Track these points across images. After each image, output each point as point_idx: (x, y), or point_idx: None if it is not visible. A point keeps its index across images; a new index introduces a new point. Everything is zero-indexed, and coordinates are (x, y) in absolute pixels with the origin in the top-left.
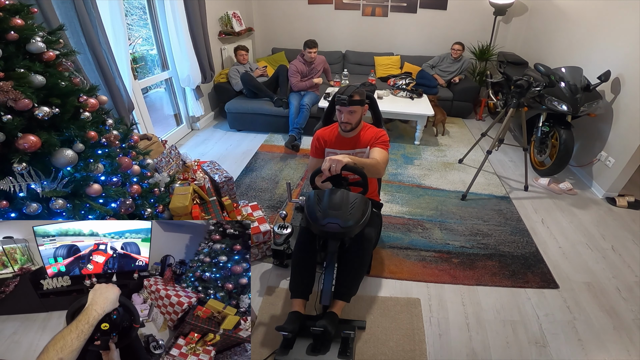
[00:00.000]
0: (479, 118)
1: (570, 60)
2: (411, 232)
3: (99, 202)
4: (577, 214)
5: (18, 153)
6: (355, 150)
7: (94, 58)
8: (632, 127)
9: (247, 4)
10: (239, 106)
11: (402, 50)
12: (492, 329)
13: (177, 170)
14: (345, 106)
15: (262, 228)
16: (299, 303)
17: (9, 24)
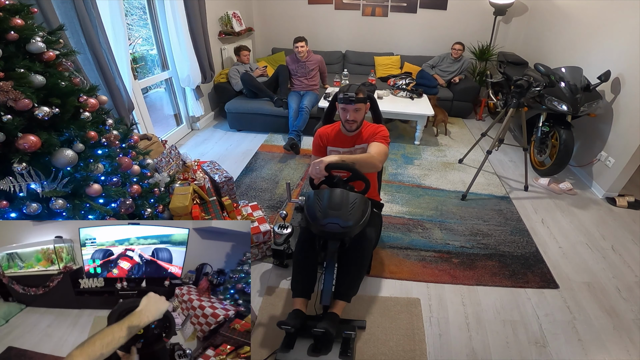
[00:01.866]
0: (479, 118)
1: (570, 60)
2: (411, 232)
3: (99, 202)
4: (577, 214)
5: (18, 153)
6: (355, 146)
7: (94, 58)
8: (632, 127)
9: (247, 4)
10: (239, 106)
11: (402, 50)
12: (492, 329)
13: (177, 170)
14: (351, 104)
15: (262, 228)
16: (301, 302)
17: (9, 24)
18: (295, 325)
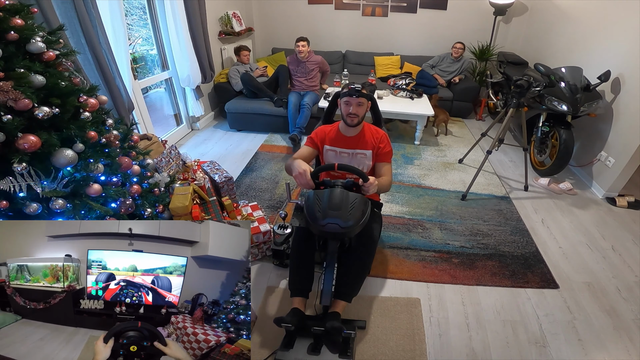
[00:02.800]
0: (479, 118)
1: (570, 60)
2: (411, 232)
3: (99, 202)
4: (577, 214)
5: (18, 153)
6: (356, 150)
7: (94, 58)
8: (632, 127)
9: (247, 4)
10: (239, 106)
11: (402, 50)
12: (492, 329)
13: (177, 170)
14: (355, 97)
15: (262, 228)
16: (299, 301)
17: (9, 24)
18: (294, 323)
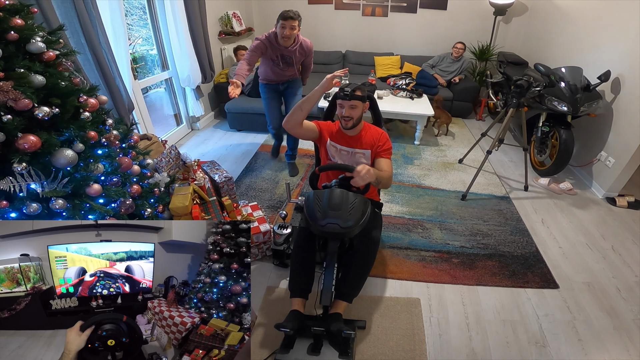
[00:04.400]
0: (479, 118)
1: (570, 60)
2: (411, 232)
3: (99, 202)
4: (577, 214)
5: (18, 153)
6: (355, 150)
7: (94, 58)
8: (632, 127)
9: (247, 4)
10: (239, 106)
11: (402, 50)
12: (492, 329)
13: (177, 170)
14: (346, 100)
15: (262, 228)
16: (299, 302)
17: (9, 24)
18: (294, 328)
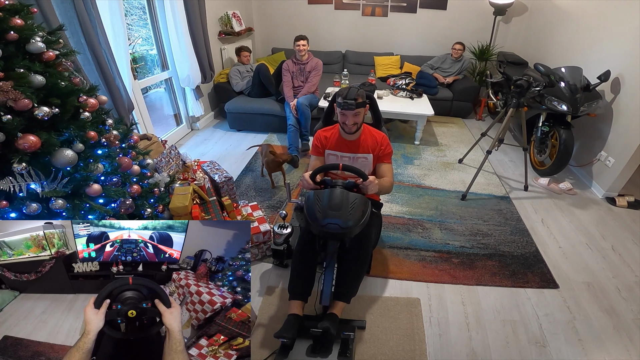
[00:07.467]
0: (479, 118)
1: (570, 60)
2: (411, 232)
3: (99, 202)
4: (577, 214)
5: (18, 153)
6: (357, 155)
7: (94, 58)
8: (632, 127)
9: (247, 4)
10: (239, 106)
11: (402, 50)
12: (492, 329)
13: (177, 170)
14: (352, 110)
15: (262, 228)
16: (297, 305)
17: (9, 24)
18: (293, 337)
